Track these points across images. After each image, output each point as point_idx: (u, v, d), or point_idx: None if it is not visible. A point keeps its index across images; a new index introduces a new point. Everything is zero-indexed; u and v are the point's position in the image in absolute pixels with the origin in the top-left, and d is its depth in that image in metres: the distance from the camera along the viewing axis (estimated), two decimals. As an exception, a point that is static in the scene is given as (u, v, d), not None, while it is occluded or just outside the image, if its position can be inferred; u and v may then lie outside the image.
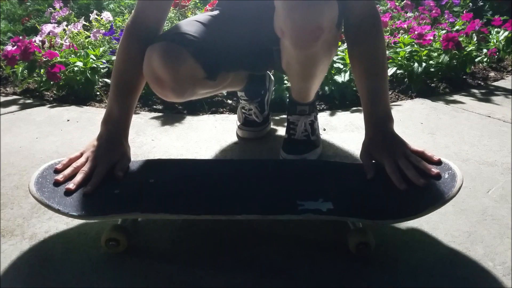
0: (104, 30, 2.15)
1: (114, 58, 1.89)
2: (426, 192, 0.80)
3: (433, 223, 0.89)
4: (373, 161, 0.89)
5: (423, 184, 0.80)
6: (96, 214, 0.78)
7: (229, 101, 1.70)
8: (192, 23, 1.03)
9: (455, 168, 0.83)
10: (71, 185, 0.81)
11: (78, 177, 0.83)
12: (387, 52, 1.95)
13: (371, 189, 0.84)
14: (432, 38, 2.01)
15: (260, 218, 0.80)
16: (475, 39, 2.17)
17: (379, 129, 0.91)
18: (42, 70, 1.79)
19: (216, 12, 1.12)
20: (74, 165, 0.86)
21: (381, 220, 0.77)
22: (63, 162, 0.87)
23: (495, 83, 2.04)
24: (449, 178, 0.81)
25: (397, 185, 0.81)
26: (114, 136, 0.91)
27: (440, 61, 1.92)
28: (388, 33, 2.33)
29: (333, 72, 1.72)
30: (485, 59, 2.18)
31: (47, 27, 2.00)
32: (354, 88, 1.68)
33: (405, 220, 0.79)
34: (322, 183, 0.87)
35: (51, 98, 1.79)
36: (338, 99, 1.68)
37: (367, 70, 0.94)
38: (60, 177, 0.83)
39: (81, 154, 0.88)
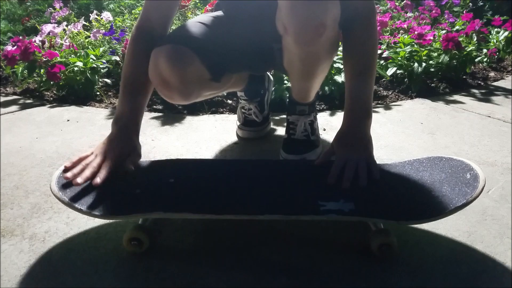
0: (104, 30, 2.15)
1: (114, 58, 1.90)
2: (449, 193, 0.79)
3: (433, 223, 0.89)
4: (333, 154, 0.93)
5: (344, 186, 0.82)
6: (119, 213, 0.77)
7: (229, 101, 1.70)
8: (195, 24, 1.03)
9: (477, 168, 0.82)
10: (78, 179, 0.80)
11: (87, 172, 0.82)
12: (387, 52, 1.95)
13: (391, 190, 0.83)
14: (432, 38, 2.01)
15: (282, 218, 0.79)
16: (475, 39, 2.17)
17: (352, 127, 0.94)
18: (42, 70, 1.79)
19: (218, 13, 1.12)
20: (84, 162, 0.85)
21: (405, 221, 0.76)
22: (72, 160, 0.86)
23: (495, 83, 2.04)
24: (471, 179, 0.80)
25: (328, 179, 0.85)
26: (123, 132, 0.91)
27: (440, 61, 1.92)
28: (388, 33, 2.32)
29: (333, 72, 1.72)
30: (485, 59, 2.18)
31: (47, 27, 2.00)
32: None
33: (429, 221, 0.78)
34: (341, 183, 0.85)
35: (51, 98, 1.79)
36: (338, 99, 1.68)
37: (353, 67, 0.95)
38: (69, 174, 0.82)
39: (92, 153, 0.88)
